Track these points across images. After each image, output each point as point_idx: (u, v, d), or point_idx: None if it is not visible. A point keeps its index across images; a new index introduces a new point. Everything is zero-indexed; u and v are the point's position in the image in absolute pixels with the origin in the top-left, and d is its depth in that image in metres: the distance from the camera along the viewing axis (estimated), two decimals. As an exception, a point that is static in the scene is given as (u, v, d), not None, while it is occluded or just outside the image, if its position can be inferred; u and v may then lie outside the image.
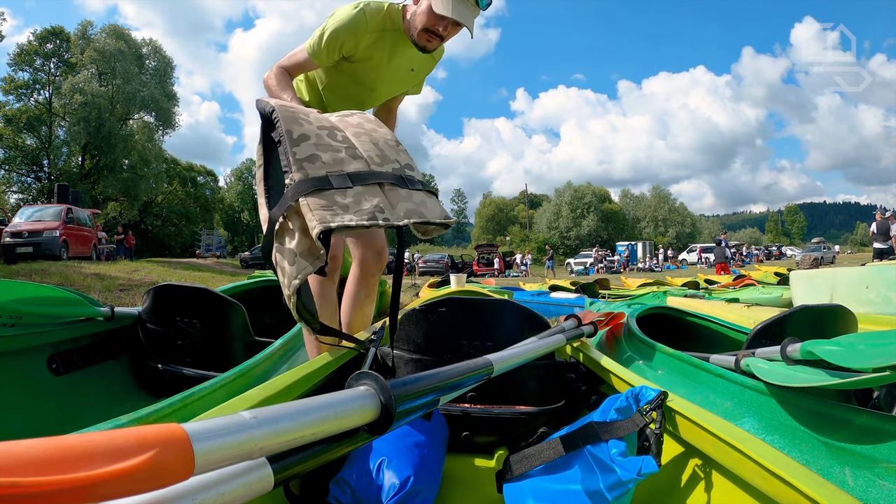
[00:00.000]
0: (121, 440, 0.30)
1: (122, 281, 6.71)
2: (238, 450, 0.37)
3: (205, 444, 0.34)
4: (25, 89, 26.20)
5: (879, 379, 0.90)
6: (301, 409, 0.44)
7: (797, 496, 0.59)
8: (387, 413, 0.52)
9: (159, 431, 0.32)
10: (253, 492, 0.43)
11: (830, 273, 3.09)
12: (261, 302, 2.43)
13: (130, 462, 0.29)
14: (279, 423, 0.41)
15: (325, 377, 1.08)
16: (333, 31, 1.47)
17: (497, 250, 24.83)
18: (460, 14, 1.41)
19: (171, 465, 0.31)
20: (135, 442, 0.30)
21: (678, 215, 48.86)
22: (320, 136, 1.00)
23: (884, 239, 9.43)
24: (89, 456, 0.28)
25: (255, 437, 0.38)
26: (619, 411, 0.83)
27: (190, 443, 0.33)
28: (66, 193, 14.91)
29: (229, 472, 0.41)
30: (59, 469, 0.26)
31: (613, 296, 5.73)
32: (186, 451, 0.33)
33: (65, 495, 0.26)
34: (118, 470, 0.28)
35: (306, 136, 0.97)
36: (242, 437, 0.38)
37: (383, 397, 0.52)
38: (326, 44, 1.49)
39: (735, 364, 1.27)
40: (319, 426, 0.45)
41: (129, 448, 0.30)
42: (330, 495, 0.88)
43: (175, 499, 0.36)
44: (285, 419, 0.42)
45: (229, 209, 45.60)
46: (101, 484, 0.27)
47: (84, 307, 1.63)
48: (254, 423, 0.39)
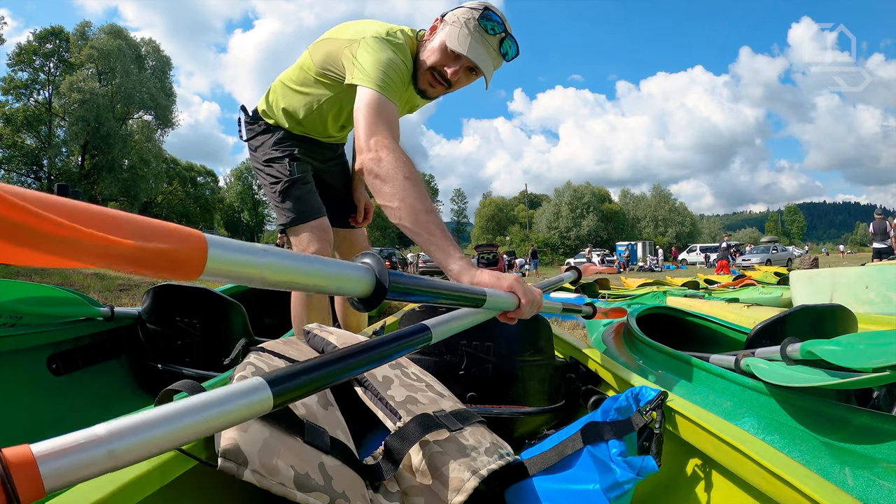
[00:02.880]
0: (149, 228, 0.36)
1: (121, 281, 6.71)
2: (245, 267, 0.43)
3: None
4: (25, 89, 26.20)
5: (879, 379, 0.90)
6: (307, 259, 0.51)
7: (797, 496, 0.59)
8: (380, 287, 0.58)
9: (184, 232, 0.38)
10: (254, 412, 0.47)
11: (830, 273, 3.09)
12: (261, 302, 2.43)
13: (152, 244, 0.35)
14: (283, 261, 0.48)
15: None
16: (391, 65, 1.17)
17: (497, 250, 24.82)
18: (477, 55, 1.18)
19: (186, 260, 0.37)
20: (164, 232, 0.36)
21: (678, 215, 48.89)
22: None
23: (882, 239, 9.44)
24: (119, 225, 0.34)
25: (258, 263, 0.44)
26: (619, 411, 0.83)
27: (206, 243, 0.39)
28: (65, 193, 14.88)
29: (233, 391, 0.45)
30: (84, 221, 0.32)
31: (613, 296, 5.73)
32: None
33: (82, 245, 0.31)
34: (140, 246, 0.34)
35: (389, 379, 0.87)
36: (248, 259, 0.43)
37: (379, 274, 0.58)
38: (395, 80, 1.17)
39: (735, 364, 1.27)
40: (319, 280, 0.51)
41: (157, 235, 0.36)
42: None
43: (184, 415, 0.40)
44: (290, 259, 0.48)
45: (229, 209, 45.59)
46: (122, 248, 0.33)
47: (84, 307, 1.63)
48: (264, 263, 0.45)
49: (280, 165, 1.53)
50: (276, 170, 1.53)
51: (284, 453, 0.58)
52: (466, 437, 0.81)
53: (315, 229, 1.50)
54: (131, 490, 0.50)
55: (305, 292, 1.49)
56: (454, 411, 0.86)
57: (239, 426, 0.57)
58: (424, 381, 0.93)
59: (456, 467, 0.73)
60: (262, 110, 1.59)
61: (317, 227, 1.51)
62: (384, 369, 0.89)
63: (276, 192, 1.51)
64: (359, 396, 0.86)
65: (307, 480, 0.57)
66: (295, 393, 0.51)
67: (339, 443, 0.68)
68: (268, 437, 0.58)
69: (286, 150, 1.55)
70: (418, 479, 0.73)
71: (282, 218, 1.53)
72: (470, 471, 0.73)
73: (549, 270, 25.77)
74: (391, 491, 0.71)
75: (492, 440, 0.85)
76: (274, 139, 1.56)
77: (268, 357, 0.79)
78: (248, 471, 0.53)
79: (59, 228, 0.31)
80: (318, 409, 0.72)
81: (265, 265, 0.45)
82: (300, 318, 1.55)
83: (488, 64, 1.22)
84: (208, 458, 0.57)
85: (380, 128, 1.07)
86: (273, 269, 0.46)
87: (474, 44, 1.19)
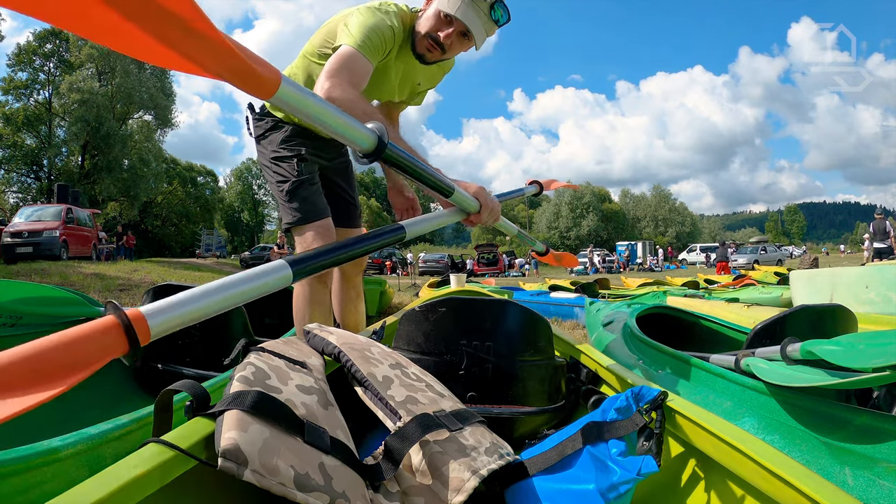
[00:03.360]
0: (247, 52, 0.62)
1: (121, 281, 6.71)
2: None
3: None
4: (25, 89, 26.19)
5: (879, 379, 0.90)
6: (329, 106, 0.77)
7: (797, 496, 0.59)
8: (381, 144, 0.83)
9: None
10: (279, 283, 0.75)
11: (830, 273, 3.09)
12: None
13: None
14: (302, 93, 0.72)
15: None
16: (375, 28, 1.29)
17: (497, 250, 24.82)
18: (468, 18, 1.27)
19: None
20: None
21: (678, 215, 48.87)
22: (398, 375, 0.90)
23: (882, 239, 9.44)
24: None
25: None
26: (619, 411, 0.83)
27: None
28: (65, 193, 14.90)
29: (264, 270, 0.75)
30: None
31: (613, 295, 5.73)
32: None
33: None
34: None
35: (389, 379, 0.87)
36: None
37: (381, 134, 0.83)
38: (375, 41, 1.29)
39: (735, 364, 1.27)
40: (336, 124, 0.78)
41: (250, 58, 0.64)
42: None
43: (230, 286, 0.72)
44: (311, 97, 0.75)
45: (229, 209, 45.60)
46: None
47: (84, 307, 1.63)
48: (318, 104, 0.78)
49: (288, 165, 1.55)
50: (284, 169, 1.56)
51: (284, 453, 0.58)
52: (466, 437, 0.81)
53: (320, 228, 1.54)
54: (131, 490, 0.50)
55: (311, 291, 1.53)
56: (454, 411, 0.86)
57: (239, 426, 0.57)
58: (424, 381, 0.93)
59: (456, 467, 0.73)
60: (270, 106, 1.61)
61: (321, 227, 1.54)
62: (384, 369, 0.89)
63: (283, 191, 1.54)
64: (359, 396, 0.86)
65: (307, 480, 0.57)
66: (308, 268, 0.79)
67: (339, 443, 0.68)
68: (268, 436, 0.58)
69: (294, 149, 1.57)
70: (418, 478, 0.73)
71: (288, 217, 1.55)
72: (470, 471, 0.73)
73: (550, 270, 25.77)
74: (391, 491, 0.71)
75: (492, 440, 0.85)
76: (282, 136, 1.58)
77: (268, 357, 0.79)
78: (248, 471, 0.53)
79: (213, 31, 0.45)
80: (318, 408, 0.72)
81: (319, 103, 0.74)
82: (302, 313, 1.56)
83: (479, 27, 1.31)
84: (208, 458, 0.57)
85: (340, 74, 1.21)
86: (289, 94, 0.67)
87: (465, 7, 1.27)
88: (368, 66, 1.27)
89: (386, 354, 0.98)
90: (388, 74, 1.49)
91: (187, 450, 0.56)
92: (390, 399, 0.81)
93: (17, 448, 0.70)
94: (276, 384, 0.70)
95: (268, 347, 0.84)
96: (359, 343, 0.96)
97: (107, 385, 1.68)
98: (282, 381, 0.71)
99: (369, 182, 56.68)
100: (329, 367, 1.00)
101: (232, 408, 0.59)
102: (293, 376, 0.75)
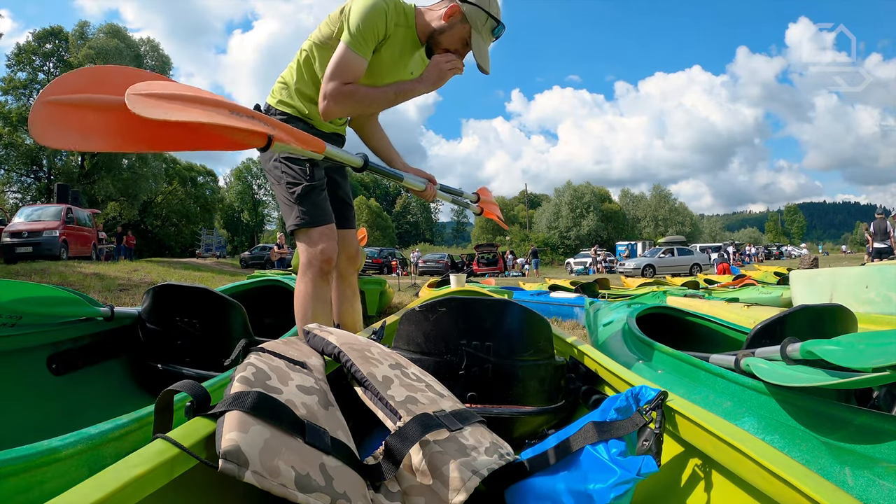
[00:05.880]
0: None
1: (121, 281, 6.71)
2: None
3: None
4: (24, 89, 26.18)
5: (879, 379, 0.90)
6: (332, 148, 1.15)
7: (797, 496, 0.59)
8: (366, 162, 1.35)
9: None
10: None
11: (830, 273, 3.09)
12: (261, 302, 2.43)
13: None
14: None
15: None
16: (367, 16, 1.37)
17: (496, 250, 24.81)
18: (485, 60, 1.48)
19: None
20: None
21: (678, 215, 48.82)
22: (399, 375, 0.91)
23: (882, 239, 9.43)
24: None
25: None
26: (618, 411, 0.83)
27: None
28: (65, 193, 14.90)
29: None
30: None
31: (613, 295, 5.73)
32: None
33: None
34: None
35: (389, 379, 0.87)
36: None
37: (365, 155, 1.27)
38: (365, 31, 1.39)
39: (735, 364, 1.27)
40: (335, 155, 1.33)
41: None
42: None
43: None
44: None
45: (229, 209, 45.56)
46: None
47: (84, 307, 1.63)
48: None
49: (300, 168, 1.58)
50: (295, 171, 1.58)
51: (285, 454, 0.58)
52: (466, 437, 0.81)
53: (325, 231, 1.60)
54: (132, 489, 0.50)
55: (313, 287, 1.57)
56: (454, 411, 0.86)
57: (240, 427, 0.57)
58: (424, 381, 0.93)
59: (456, 467, 0.73)
60: (277, 101, 1.64)
61: (327, 231, 1.60)
62: (384, 369, 0.89)
63: (293, 193, 1.57)
64: (359, 396, 0.86)
65: (308, 481, 0.57)
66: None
67: (339, 443, 0.68)
68: (268, 437, 0.58)
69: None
70: (419, 478, 0.73)
71: (294, 219, 1.57)
72: (470, 470, 0.73)
73: (550, 270, 25.77)
74: (392, 491, 0.71)
75: (492, 440, 0.85)
76: None
77: (268, 357, 0.79)
78: (249, 472, 0.53)
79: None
80: (318, 409, 0.72)
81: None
82: (305, 310, 1.57)
83: (486, 57, 1.50)
84: (209, 459, 0.57)
85: (334, 78, 1.41)
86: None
87: (485, 47, 1.48)
88: (362, 63, 1.44)
89: (386, 354, 0.98)
90: (380, 59, 1.53)
91: (188, 448, 0.56)
92: (390, 399, 0.81)
93: (17, 448, 0.70)
94: (277, 385, 0.70)
95: (268, 348, 0.84)
96: (359, 343, 0.96)
97: (107, 384, 1.68)
98: (282, 381, 0.71)
99: (369, 182, 56.70)
100: (329, 368, 1.00)
101: (233, 408, 0.59)
102: (293, 377, 0.75)
